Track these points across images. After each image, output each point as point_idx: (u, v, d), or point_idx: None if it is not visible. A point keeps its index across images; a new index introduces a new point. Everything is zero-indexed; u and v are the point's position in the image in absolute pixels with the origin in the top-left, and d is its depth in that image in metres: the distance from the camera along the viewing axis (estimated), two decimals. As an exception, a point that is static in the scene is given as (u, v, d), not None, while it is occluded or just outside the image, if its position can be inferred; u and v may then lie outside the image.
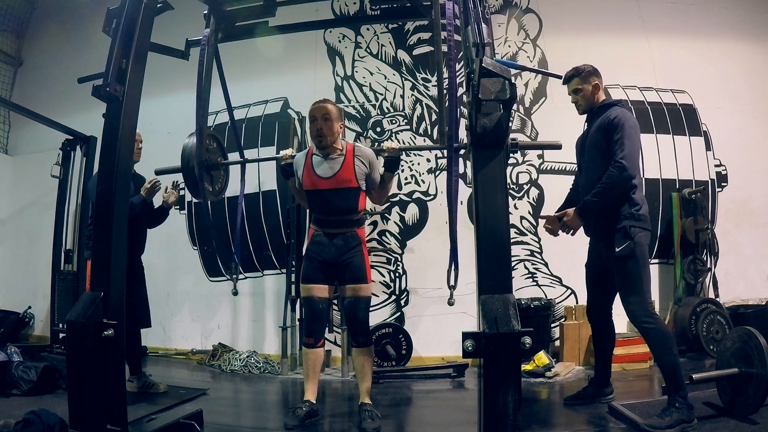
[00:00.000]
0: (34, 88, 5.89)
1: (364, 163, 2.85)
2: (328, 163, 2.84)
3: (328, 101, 2.91)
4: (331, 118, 2.82)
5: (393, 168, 2.81)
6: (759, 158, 4.75)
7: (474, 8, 1.94)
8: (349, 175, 2.81)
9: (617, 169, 2.62)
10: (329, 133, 2.82)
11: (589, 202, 2.71)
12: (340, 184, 2.81)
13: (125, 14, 2.14)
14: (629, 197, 2.69)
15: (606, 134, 2.73)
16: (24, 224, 5.71)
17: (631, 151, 2.65)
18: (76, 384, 2.00)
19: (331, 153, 2.85)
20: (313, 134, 2.86)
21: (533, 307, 4.18)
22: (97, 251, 2.11)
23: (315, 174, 2.84)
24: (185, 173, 2.76)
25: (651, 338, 2.60)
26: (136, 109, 2.20)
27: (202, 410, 2.72)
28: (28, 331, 5.40)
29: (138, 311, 3.35)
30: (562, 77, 2.86)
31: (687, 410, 2.42)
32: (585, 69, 2.93)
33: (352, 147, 2.89)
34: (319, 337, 2.85)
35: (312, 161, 2.87)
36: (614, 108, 2.82)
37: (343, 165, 2.82)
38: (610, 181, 2.64)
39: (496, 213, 1.81)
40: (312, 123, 2.85)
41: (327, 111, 2.83)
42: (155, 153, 3.86)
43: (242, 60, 4.65)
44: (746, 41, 4.91)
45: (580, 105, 2.97)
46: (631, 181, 2.64)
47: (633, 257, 2.62)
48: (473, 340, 1.65)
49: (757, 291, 4.49)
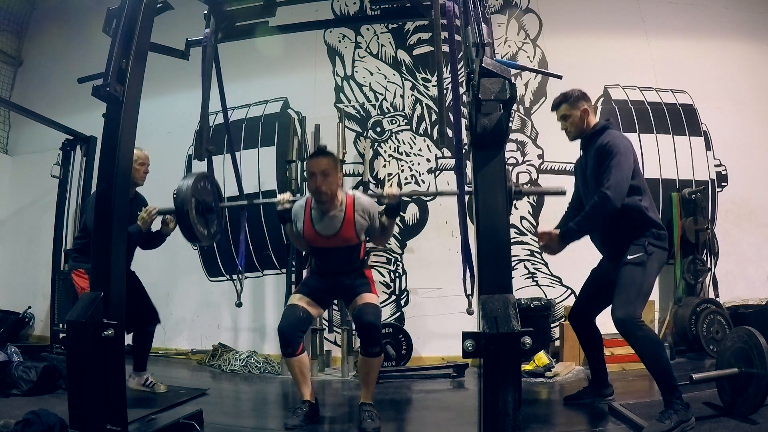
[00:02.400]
0: (34, 88, 5.89)
1: (364, 218, 2.78)
2: (328, 220, 2.77)
3: (324, 154, 2.75)
4: (330, 172, 2.69)
5: (393, 215, 2.75)
6: (759, 158, 4.75)
7: (474, 8, 1.94)
8: (350, 233, 2.77)
9: (601, 200, 2.61)
10: (329, 190, 2.70)
11: (572, 230, 2.71)
12: (340, 243, 2.78)
13: (125, 14, 2.14)
14: (651, 220, 2.67)
15: (599, 162, 2.70)
16: (24, 224, 5.71)
17: (618, 180, 2.60)
18: (76, 384, 2.00)
19: (330, 209, 2.77)
20: (312, 190, 2.74)
21: (533, 307, 4.17)
22: (97, 251, 2.11)
23: (315, 231, 2.78)
24: (179, 217, 2.67)
25: (641, 347, 2.55)
26: (136, 109, 2.20)
27: (202, 410, 2.72)
28: (28, 331, 5.40)
29: (150, 311, 3.41)
30: (561, 77, 2.85)
31: (684, 410, 2.42)
32: (573, 94, 2.88)
33: (351, 200, 2.79)
34: (296, 345, 2.74)
35: (312, 216, 2.80)
36: (606, 133, 2.77)
37: (343, 222, 2.76)
38: (593, 210, 2.65)
39: (496, 213, 1.81)
40: (310, 178, 2.72)
41: (326, 167, 2.69)
42: (155, 153, 3.86)
43: (242, 60, 4.66)
44: (746, 41, 4.91)
45: (570, 132, 2.92)
46: (614, 210, 2.60)
47: (641, 266, 2.60)
48: (473, 340, 1.65)
49: (757, 291, 4.49)
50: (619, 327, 2.57)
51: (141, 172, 3.36)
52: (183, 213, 2.65)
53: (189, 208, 2.65)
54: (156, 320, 3.49)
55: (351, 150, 4.78)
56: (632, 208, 2.67)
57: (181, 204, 2.65)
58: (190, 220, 2.66)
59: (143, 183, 3.43)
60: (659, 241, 2.68)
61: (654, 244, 2.65)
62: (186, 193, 2.66)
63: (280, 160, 4.88)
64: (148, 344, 3.48)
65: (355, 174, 4.79)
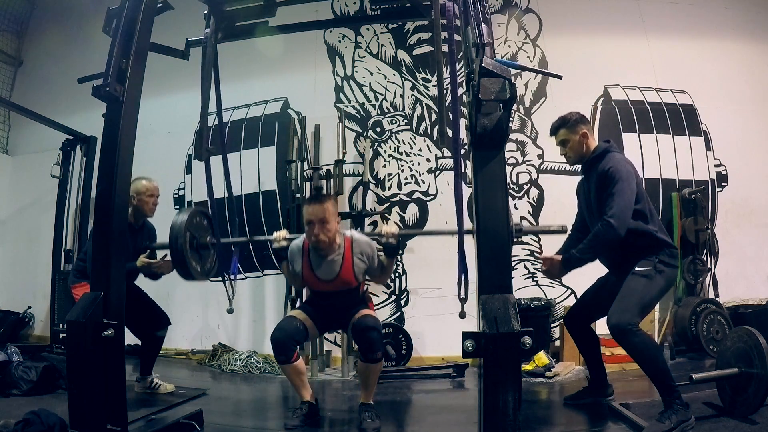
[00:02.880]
0: (34, 88, 5.89)
1: (363, 260, 2.77)
2: (326, 264, 2.75)
3: (321, 200, 2.68)
4: (328, 219, 2.65)
5: (392, 254, 2.72)
6: (759, 158, 4.75)
7: (474, 8, 1.94)
8: (349, 276, 2.76)
9: (604, 228, 2.59)
10: (327, 237, 2.67)
11: (574, 258, 2.71)
12: (340, 286, 2.78)
13: (125, 14, 2.14)
14: (662, 241, 2.65)
15: (601, 188, 2.68)
16: (24, 224, 5.71)
17: (621, 207, 2.57)
18: (76, 384, 2.00)
19: (329, 253, 2.74)
20: (310, 237, 2.70)
21: (533, 307, 4.18)
22: (97, 251, 2.11)
23: (315, 275, 2.77)
24: (173, 252, 2.60)
25: (638, 351, 2.54)
26: (136, 109, 2.20)
27: (202, 410, 2.72)
28: (28, 331, 5.40)
29: (159, 315, 3.40)
30: (561, 77, 2.85)
31: (684, 410, 2.41)
32: (571, 118, 2.85)
33: (350, 243, 2.77)
34: (290, 353, 2.70)
35: (310, 259, 2.77)
36: (607, 158, 2.73)
37: (342, 266, 2.74)
38: (596, 239, 2.64)
39: (496, 213, 1.81)
40: (308, 226, 2.68)
41: (324, 215, 2.64)
42: (155, 153, 3.90)
43: (242, 60, 4.66)
44: (746, 41, 4.91)
45: (570, 157, 2.90)
46: (618, 239, 2.58)
47: (646, 278, 2.59)
48: (473, 340, 1.65)
49: (757, 291, 4.49)
50: (613, 333, 2.56)
51: (150, 203, 3.31)
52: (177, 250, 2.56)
53: (184, 247, 2.57)
54: (166, 323, 3.45)
55: (351, 150, 4.78)
56: (641, 233, 2.64)
57: (175, 238, 2.57)
58: (185, 258, 2.59)
59: (153, 215, 3.38)
60: (672, 259, 2.66)
61: (665, 262, 2.62)
62: (180, 227, 2.59)
63: (280, 160, 4.88)
64: (157, 349, 3.47)
65: (355, 174, 4.79)
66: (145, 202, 3.27)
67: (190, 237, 2.63)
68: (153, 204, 3.34)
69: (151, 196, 3.31)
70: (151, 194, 3.30)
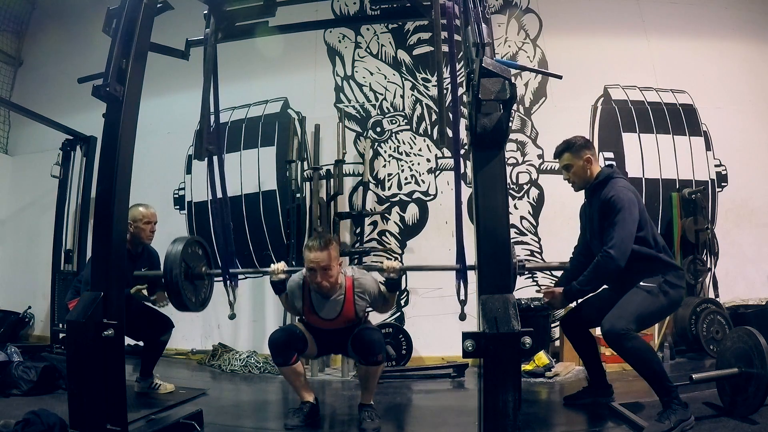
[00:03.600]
0: (34, 88, 5.89)
1: (364, 299, 2.77)
2: (329, 305, 2.75)
3: (323, 248, 2.61)
4: (330, 265, 2.62)
5: (394, 289, 2.73)
6: (759, 158, 4.75)
7: (474, 8, 1.94)
8: (351, 315, 2.77)
9: (604, 260, 2.60)
10: (329, 282, 2.65)
11: (575, 289, 2.75)
12: (341, 324, 2.79)
13: (125, 14, 2.14)
14: (669, 264, 2.66)
15: (604, 216, 2.69)
16: (24, 224, 5.71)
17: (621, 238, 2.58)
18: (76, 384, 2.00)
19: (331, 294, 2.73)
20: (314, 285, 2.68)
21: (533, 307, 4.17)
22: (97, 251, 2.11)
23: (317, 315, 2.77)
24: (167, 283, 2.63)
25: (631, 356, 2.54)
26: (136, 109, 2.20)
27: (202, 410, 2.72)
28: (28, 331, 5.40)
29: (162, 320, 3.38)
30: (561, 77, 2.84)
31: (683, 409, 2.42)
32: (576, 142, 2.84)
33: (351, 283, 2.76)
34: (288, 357, 2.73)
35: (312, 299, 2.76)
36: (609, 184, 2.73)
37: (344, 306, 2.74)
38: (596, 271, 2.66)
39: (496, 213, 1.81)
40: (310, 272, 2.64)
41: (326, 262, 2.60)
42: (155, 153, 3.89)
43: (242, 60, 4.66)
44: (746, 41, 4.91)
45: (574, 183, 2.89)
46: (618, 270, 2.59)
47: (649, 293, 2.59)
48: (473, 340, 1.65)
49: (757, 291, 4.49)
50: (607, 339, 2.57)
51: (147, 231, 3.32)
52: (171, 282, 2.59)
53: (179, 278, 2.59)
54: (170, 326, 3.44)
55: (351, 150, 4.78)
56: (646, 257, 2.64)
57: (170, 268, 2.59)
58: (179, 288, 2.61)
59: (150, 242, 3.40)
60: (678, 280, 2.65)
61: (671, 283, 2.62)
62: (174, 258, 2.60)
63: (280, 160, 4.88)
64: (159, 352, 3.46)
65: (355, 174, 4.79)
66: (142, 230, 3.29)
67: (184, 267, 2.65)
68: (150, 231, 3.35)
69: (148, 223, 3.32)
70: (148, 221, 3.32)
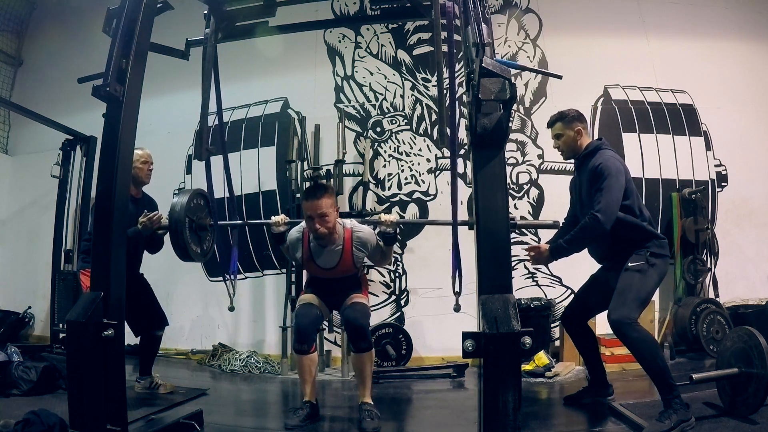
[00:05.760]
0: (34, 88, 5.89)
1: (362, 250, 2.85)
2: (327, 254, 2.83)
3: (319, 195, 2.70)
4: (327, 212, 2.70)
5: (390, 243, 2.80)
6: (759, 158, 4.75)
7: (474, 8, 1.94)
8: (349, 265, 2.85)
9: (591, 222, 2.65)
10: (327, 228, 2.72)
11: (561, 247, 2.79)
12: (339, 274, 2.87)
13: (125, 14, 2.14)
14: (651, 233, 2.71)
15: (591, 184, 2.75)
16: (24, 224, 5.71)
17: (608, 202, 2.63)
18: (76, 384, 2.00)
19: (329, 244, 2.81)
20: (312, 232, 2.76)
21: (533, 307, 4.18)
22: (97, 251, 2.11)
23: (315, 264, 2.86)
24: (172, 235, 2.68)
25: (637, 348, 2.57)
26: (136, 109, 2.20)
27: (202, 410, 2.72)
28: (28, 331, 5.39)
29: (157, 315, 3.42)
30: (561, 77, 2.85)
31: (683, 409, 2.42)
32: (569, 114, 2.94)
33: (349, 234, 2.83)
34: (311, 342, 2.85)
35: (311, 248, 2.85)
36: (598, 154, 2.80)
37: (342, 256, 2.83)
38: (583, 232, 2.70)
39: (496, 213, 1.81)
40: (308, 220, 2.73)
41: (322, 210, 2.68)
42: (155, 153, 3.83)
43: (242, 60, 4.66)
44: (746, 41, 4.91)
45: (563, 150, 2.99)
46: (604, 233, 2.64)
47: (641, 273, 2.63)
48: (473, 340, 1.65)
49: (757, 291, 4.49)
50: (614, 329, 2.60)
51: (145, 170, 3.37)
52: (176, 232, 2.63)
53: (183, 228, 2.63)
54: (164, 323, 3.49)
55: (351, 150, 4.78)
56: (630, 225, 2.70)
57: (175, 221, 2.64)
58: (183, 240, 2.64)
59: (149, 181, 3.44)
60: (661, 250, 2.71)
61: (656, 254, 2.68)
62: (180, 211, 2.65)
63: (280, 160, 4.88)
64: (155, 348, 3.48)
65: (355, 174, 4.79)
66: (140, 170, 3.32)
67: (189, 220, 2.68)
68: (148, 170, 3.40)
69: (145, 163, 3.37)
70: (144, 161, 3.36)
